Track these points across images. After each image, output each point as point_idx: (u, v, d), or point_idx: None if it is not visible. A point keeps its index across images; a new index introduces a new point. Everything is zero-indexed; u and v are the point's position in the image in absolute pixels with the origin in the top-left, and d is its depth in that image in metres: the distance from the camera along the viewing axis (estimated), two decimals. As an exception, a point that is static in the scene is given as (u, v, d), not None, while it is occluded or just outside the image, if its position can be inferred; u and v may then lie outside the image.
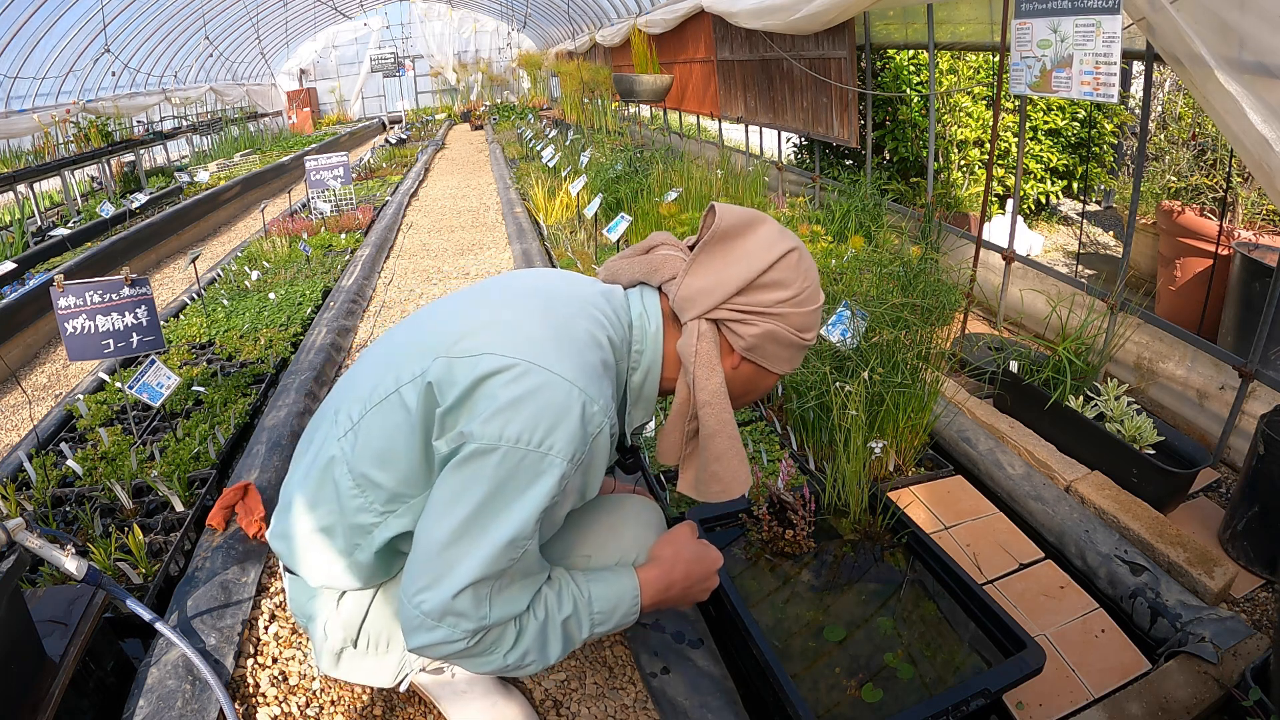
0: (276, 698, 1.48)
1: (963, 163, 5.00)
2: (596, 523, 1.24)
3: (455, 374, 0.97)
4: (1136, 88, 5.07)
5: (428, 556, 0.97)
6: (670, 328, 1.15)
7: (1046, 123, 5.03)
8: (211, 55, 13.06)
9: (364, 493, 1.07)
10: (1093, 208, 5.80)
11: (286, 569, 1.26)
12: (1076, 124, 5.05)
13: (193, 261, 3.54)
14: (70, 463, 2.22)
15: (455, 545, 0.95)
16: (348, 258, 4.76)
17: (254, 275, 4.30)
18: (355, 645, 1.21)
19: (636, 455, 1.30)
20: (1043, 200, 5.22)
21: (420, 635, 0.98)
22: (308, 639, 1.61)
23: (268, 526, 1.67)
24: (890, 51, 5.08)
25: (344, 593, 1.21)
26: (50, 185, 8.41)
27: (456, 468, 0.95)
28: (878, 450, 1.76)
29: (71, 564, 1.28)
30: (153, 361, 2.24)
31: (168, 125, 11.16)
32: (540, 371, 0.95)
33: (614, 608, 1.12)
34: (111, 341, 2.24)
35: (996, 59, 3.55)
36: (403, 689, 1.29)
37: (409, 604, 0.98)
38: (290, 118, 16.81)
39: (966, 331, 2.99)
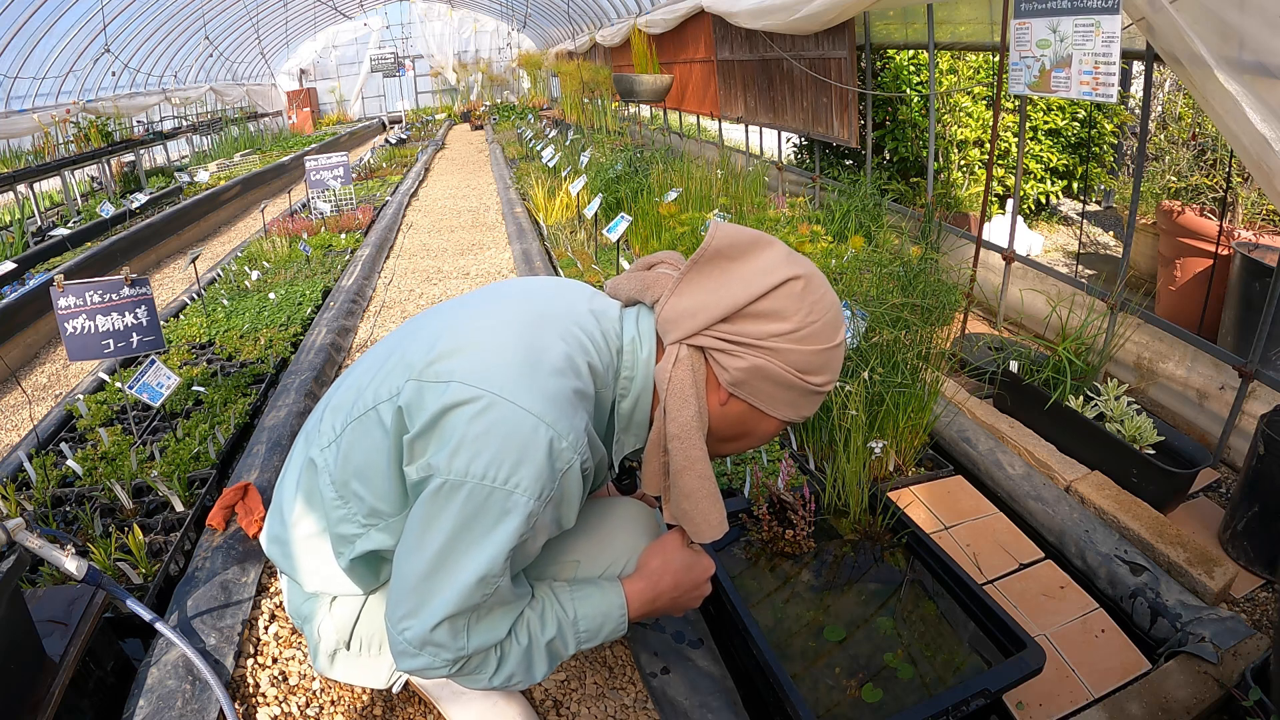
0: (276, 698, 1.48)
1: (963, 163, 5.00)
2: (587, 529, 1.22)
3: (424, 399, 0.94)
4: (1136, 88, 5.07)
5: (406, 586, 0.96)
6: (661, 352, 1.07)
7: (1046, 123, 5.03)
8: (211, 55, 13.06)
9: (346, 504, 1.07)
10: (1093, 208, 5.80)
11: (282, 572, 1.26)
12: (1076, 124, 5.05)
13: (193, 261, 3.54)
14: (70, 463, 2.22)
15: (429, 580, 0.94)
16: (348, 258, 4.76)
17: (254, 275, 4.30)
18: (348, 648, 1.22)
19: (633, 477, 1.25)
20: (1043, 200, 5.23)
21: (405, 660, 0.99)
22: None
23: (267, 527, 1.67)
24: (890, 51, 5.08)
25: (336, 596, 1.21)
26: (50, 185, 8.41)
27: (426, 500, 0.94)
28: (878, 450, 1.76)
29: (71, 564, 1.28)
30: (153, 361, 2.24)
31: (168, 125, 11.16)
32: (506, 405, 0.90)
33: (600, 625, 1.10)
34: (111, 341, 2.24)
35: (996, 59, 3.55)
36: (395, 690, 1.29)
37: (393, 629, 0.98)
38: (290, 118, 16.81)
39: (966, 331, 2.99)
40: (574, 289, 1.14)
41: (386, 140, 12.34)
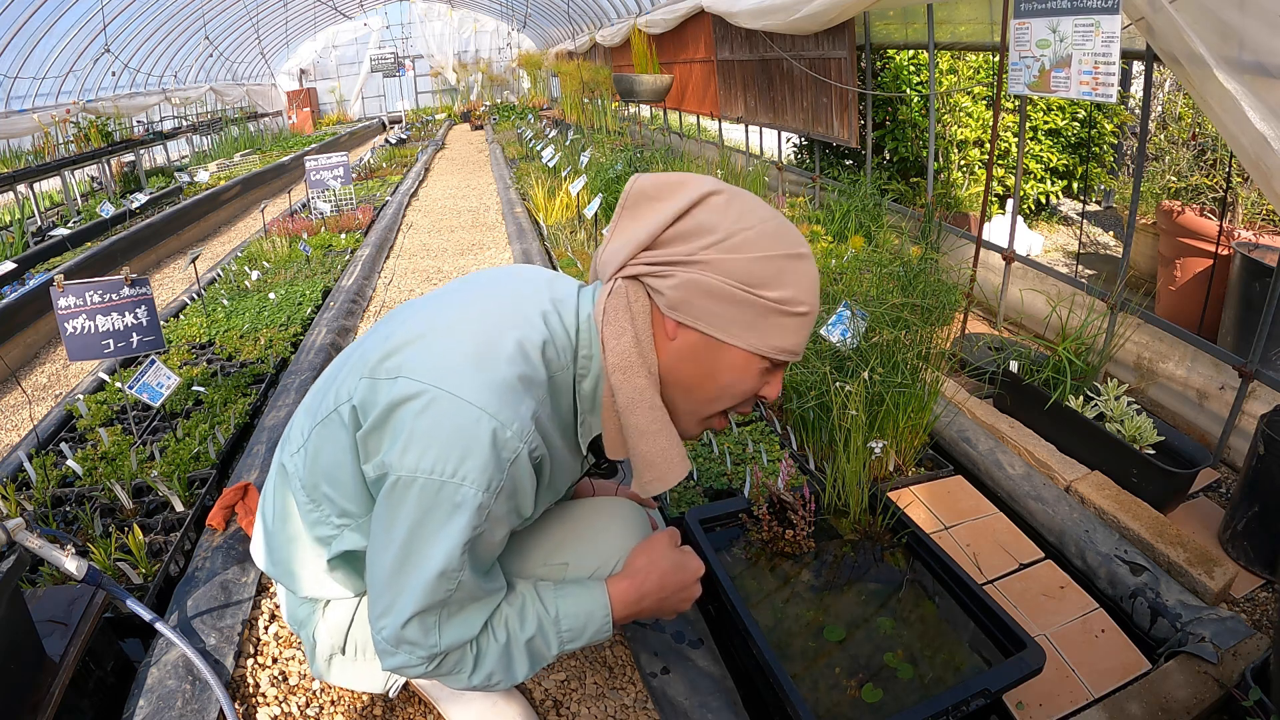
0: (276, 698, 1.48)
1: (963, 163, 5.00)
2: (575, 530, 1.21)
3: (376, 396, 0.95)
4: (1136, 88, 5.07)
5: (378, 586, 0.97)
6: None
7: (1046, 123, 5.03)
8: (211, 55, 13.06)
9: (318, 506, 1.07)
10: (1093, 208, 5.80)
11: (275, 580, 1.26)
12: (1076, 124, 5.05)
13: (193, 261, 3.54)
14: (70, 463, 2.22)
15: (395, 578, 0.94)
16: (348, 258, 4.76)
17: (254, 275, 4.30)
18: (343, 652, 1.21)
19: (614, 462, 1.23)
20: (1043, 200, 5.22)
21: (385, 659, 0.99)
22: (307, 639, 1.61)
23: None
24: (890, 51, 5.08)
25: (329, 601, 1.21)
26: (50, 185, 8.40)
27: (384, 498, 0.94)
28: (878, 450, 1.75)
29: (71, 564, 1.28)
30: (153, 361, 2.24)
31: (168, 125, 11.16)
32: (449, 398, 0.90)
33: (584, 625, 1.09)
34: (111, 341, 2.23)
35: (996, 59, 3.55)
36: (392, 694, 1.28)
37: (373, 628, 0.99)
38: (290, 118, 16.80)
39: (966, 331, 2.99)
40: (536, 275, 1.12)
41: (386, 140, 12.33)
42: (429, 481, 0.90)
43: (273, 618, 1.71)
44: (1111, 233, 5.22)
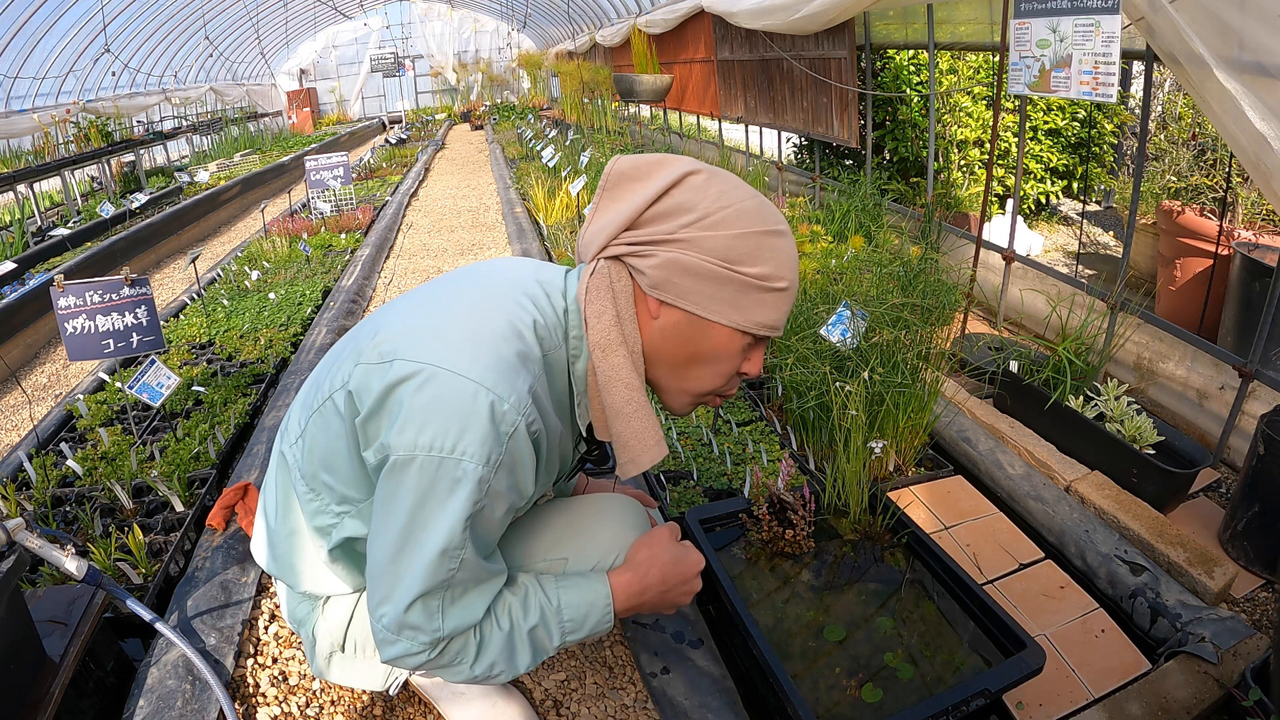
0: (276, 698, 1.48)
1: (963, 163, 5.00)
2: (574, 525, 1.21)
3: (370, 381, 0.95)
4: (1136, 88, 5.07)
5: (378, 571, 0.96)
6: None
7: (1046, 123, 5.03)
8: (211, 55, 13.06)
9: (318, 495, 1.07)
10: (1093, 208, 5.80)
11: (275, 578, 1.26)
12: (1076, 124, 5.05)
13: (193, 261, 3.54)
14: (70, 463, 2.22)
15: (397, 559, 0.94)
16: (348, 258, 4.76)
17: (254, 275, 4.30)
18: (343, 650, 1.21)
19: (603, 448, 1.22)
20: (1043, 200, 5.23)
21: (385, 648, 0.98)
22: (307, 639, 1.61)
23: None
24: (890, 51, 5.08)
25: (329, 598, 1.21)
26: (50, 185, 8.41)
27: (384, 480, 0.94)
28: (878, 450, 1.75)
29: (71, 564, 1.28)
30: (153, 361, 2.24)
31: (168, 125, 11.16)
32: (446, 375, 0.90)
33: (585, 616, 1.09)
34: (111, 341, 2.23)
35: (996, 59, 3.55)
36: (392, 693, 1.28)
37: (373, 617, 0.98)
38: (290, 118, 16.81)
39: (966, 331, 2.99)
40: (521, 262, 1.14)
41: (386, 140, 12.33)
42: (428, 458, 0.89)
43: (273, 618, 1.71)
44: (1111, 233, 5.22)
